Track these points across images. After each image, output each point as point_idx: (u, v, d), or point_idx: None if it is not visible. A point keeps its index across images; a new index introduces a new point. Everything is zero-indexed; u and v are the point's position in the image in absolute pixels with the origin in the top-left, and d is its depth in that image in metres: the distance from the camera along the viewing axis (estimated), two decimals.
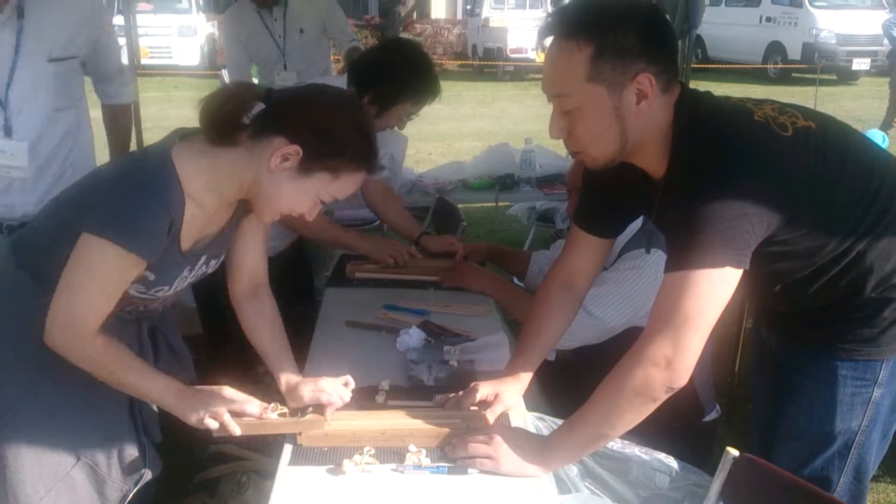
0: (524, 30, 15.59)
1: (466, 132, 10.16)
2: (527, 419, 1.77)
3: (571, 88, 1.44)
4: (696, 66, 11.94)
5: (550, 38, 1.47)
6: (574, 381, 1.85)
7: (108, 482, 1.72)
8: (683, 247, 1.38)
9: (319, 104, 1.58)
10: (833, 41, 14.35)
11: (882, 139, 4.74)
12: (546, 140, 2.63)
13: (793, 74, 14.77)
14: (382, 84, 2.41)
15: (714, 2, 15.55)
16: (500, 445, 1.53)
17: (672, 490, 1.63)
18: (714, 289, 1.38)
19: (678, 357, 1.38)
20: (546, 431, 1.73)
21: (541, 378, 1.84)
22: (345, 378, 1.70)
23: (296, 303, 2.06)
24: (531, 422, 1.77)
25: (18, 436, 1.61)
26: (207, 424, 1.56)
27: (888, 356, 1.57)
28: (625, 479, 1.68)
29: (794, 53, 14.80)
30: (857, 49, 14.30)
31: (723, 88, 8.95)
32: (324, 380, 1.68)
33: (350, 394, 1.69)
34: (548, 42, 1.48)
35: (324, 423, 1.62)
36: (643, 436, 1.56)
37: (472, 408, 1.70)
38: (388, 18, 15.58)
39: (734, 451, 1.51)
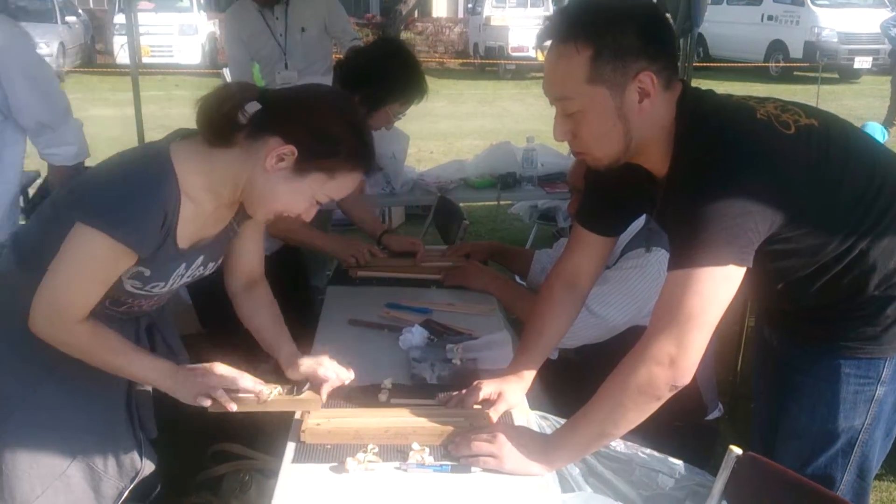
0: (525, 28, 15.54)
1: (468, 131, 10.16)
2: (530, 418, 1.77)
3: (573, 91, 1.44)
4: (698, 65, 11.91)
5: (549, 42, 1.47)
6: (577, 380, 1.86)
7: (105, 479, 1.72)
8: (687, 245, 1.38)
9: (314, 104, 1.58)
10: (835, 39, 14.32)
11: (881, 132, 4.73)
12: (548, 139, 2.63)
13: (794, 73, 14.75)
14: (371, 86, 2.42)
15: (716, 0, 15.53)
16: (504, 444, 1.53)
17: (675, 489, 1.63)
18: (717, 287, 1.38)
19: (682, 355, 1.38)
20: (549, 430, 1.73)
21: (543, 377, 1.84)
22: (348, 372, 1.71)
23: (292, 301, 2.06)
24: (534, 420, 1.77)
25: (16, 434, 1.62)
26: (201, 402, 1.57)
27: (891, 354, 1.57)
28: (627, 479, 1.68)
29: (796, 52, 14.77)
30: (859, 47, 14.26)
31: (724, 87, 8.92)
32: (325, 356, 1.70)
33: (352, 375, 1.70)
34: (547, 45, 1.48)
35: (320, 403, 1.63)
36: (646, 434, 1.55)
37: (476, 406, 1.70)
38: (390, 17, 15.53)
39: (737, 450, 1.51)
